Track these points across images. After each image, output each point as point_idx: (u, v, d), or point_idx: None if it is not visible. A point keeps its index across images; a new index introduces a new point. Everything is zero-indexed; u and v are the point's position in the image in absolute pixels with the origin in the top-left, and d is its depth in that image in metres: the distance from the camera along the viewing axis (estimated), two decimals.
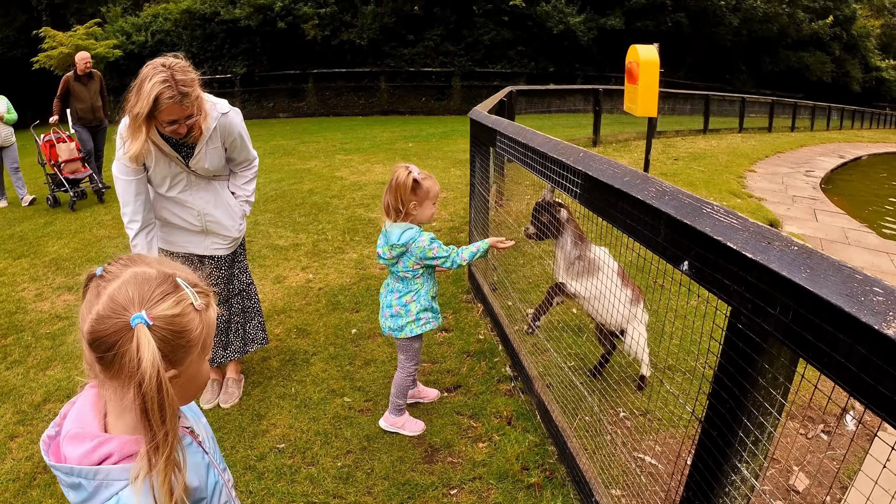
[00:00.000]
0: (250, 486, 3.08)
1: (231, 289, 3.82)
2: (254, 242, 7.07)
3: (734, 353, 1.48)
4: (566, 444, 3.00)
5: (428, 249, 3.22)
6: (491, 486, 3.05)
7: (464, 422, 3.58)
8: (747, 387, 1.44)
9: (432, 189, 3.27)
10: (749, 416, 1.46)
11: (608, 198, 2.19)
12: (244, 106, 23.29)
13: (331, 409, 3.72)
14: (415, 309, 3.32)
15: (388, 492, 3.02)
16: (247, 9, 21.98)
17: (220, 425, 3.61)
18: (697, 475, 1.71)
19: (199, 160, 3.35)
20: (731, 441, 1.53)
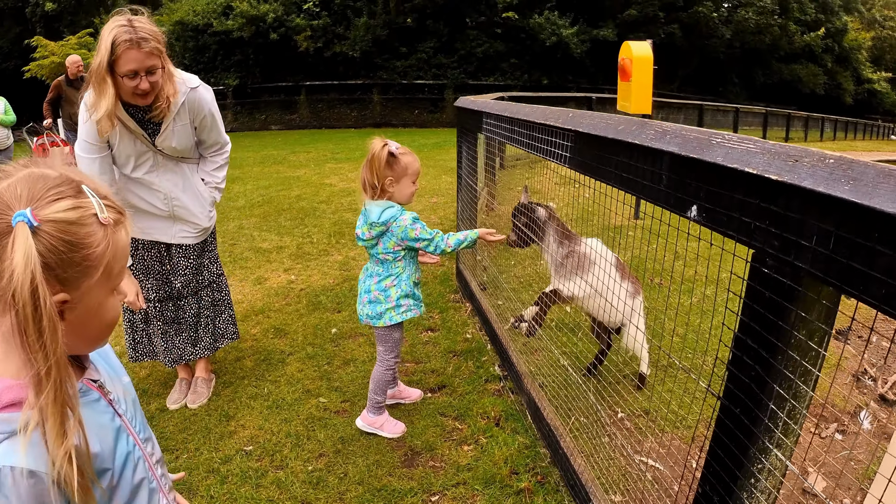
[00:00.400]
0: (212, 491, 2.79)
1: (200, 280, 3.55)
2: (236, 245, 6.81)
3: (760, 306, 1.21)
4: (559, 444, 2.71)
5: (410, 229, 2.96)
6: (476, 493, 2.76)
7: (448, 423, 3.30)
8: (778, 345, 1.17)
9: (411, 165, 3.01)
10: (781, 380, 1.19)
11: (601, 153, 1.93)
12: (236, 118, 23.12)
13: (304, 409, 3.44)
14: (395, 294, 3.05)
15: (361, 498, 2.74)
16: (239, 20, 21.81)
17: (186, 426, 3.32)
18: (716, 464, 1.43)
19: (165, 138, 3.11)
20: (760, 416, 1.25)
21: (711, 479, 1.44)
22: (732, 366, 1.32)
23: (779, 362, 1.17)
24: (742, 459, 1.32)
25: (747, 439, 1.29)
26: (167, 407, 3.51)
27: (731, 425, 1.35)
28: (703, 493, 1.50)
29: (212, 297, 3.62)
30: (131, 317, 3.50)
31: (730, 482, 1.37)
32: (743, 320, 1.27)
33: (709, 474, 1.46)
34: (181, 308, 3.52)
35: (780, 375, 1.18)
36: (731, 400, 1.34)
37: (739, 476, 1.33)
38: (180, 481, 2.28)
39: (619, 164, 1.81)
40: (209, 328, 3.62)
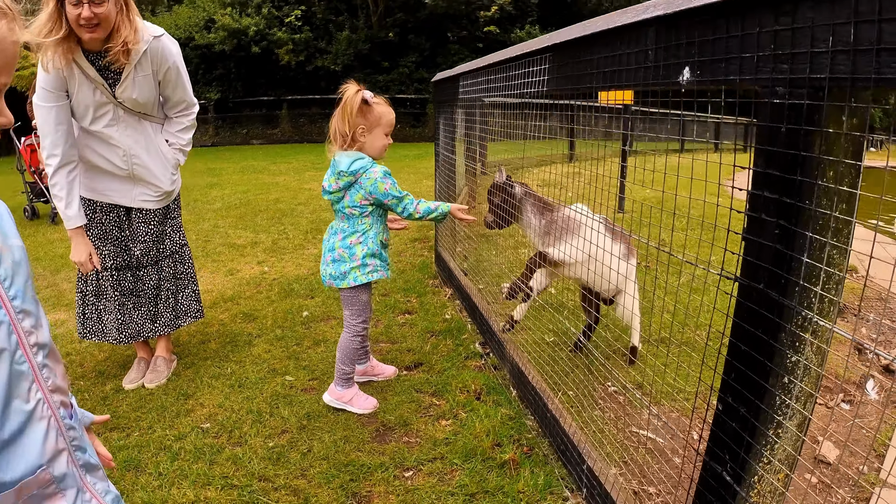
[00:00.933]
0: (161, 468, 2.54)
1: (161, 249, 3.32)
2: (210, 242, 6.57)
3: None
4: (547, 408, 2.49)
5: (380, 182, 2.76)
6: (455, 467, 2.53)
7: (425, 399, 3.07)
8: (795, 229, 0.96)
9: (385, 115, 2.83)
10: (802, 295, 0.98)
11: (581, 57, 1.77)
12: (217, 133, 22.92)
13: (269, 388, 3.20)
14: (360, 252, 2.83)
15: (326, 474, 2.49)
16: (221, 34, 21.64)
17: (140, 405, 3.07)
18: (724, 425, 1.22)
19: (125, 88, 2.93)
20: (777, 347, 1.04)
21: (718, 450, 1.24)
22: (738, 317, 1.13)
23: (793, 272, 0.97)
24: (755, 423, 1.13)
25: (759, 399, 1.10)
26: (123, 387, 3.26)
27: (742, 366, 1.14)
28: (710, 464, 1.30)
29: (173, 268, 3.39)
30: (83, 287, 3.26)
31: (741, 451, 1.17)
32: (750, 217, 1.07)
33: (715, 447, 1.26)
34: (140, 279, 3.29)
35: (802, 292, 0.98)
36: (740, 335, 1.14)
37: (753, 442, 1.14)
38: (103, 423, 1.98)
39: (600, 62, 1.66)
40: (170, 303, 3.38)
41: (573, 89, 1.92)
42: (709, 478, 1.29)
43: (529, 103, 2.86)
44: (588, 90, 1.78)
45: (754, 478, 1.18)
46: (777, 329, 1.08)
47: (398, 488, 2.40)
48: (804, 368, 1.10)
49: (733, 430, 1.19)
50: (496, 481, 2.40)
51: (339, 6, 23.69)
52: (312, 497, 2.35)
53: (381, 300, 4.50)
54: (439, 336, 3.78)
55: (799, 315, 1.06)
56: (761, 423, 1.13)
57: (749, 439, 1.15)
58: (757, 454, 1.15)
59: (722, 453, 1.23)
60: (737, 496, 1.20)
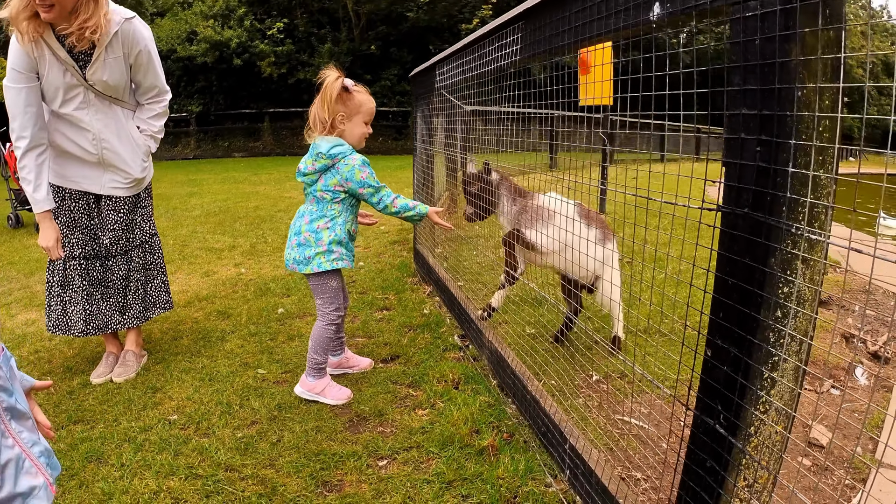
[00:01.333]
0: (123, 458, 2.42)
1: (131, 239, 3.21)
2: (187, 246, 6.44)
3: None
4: (527, 389, 2.39)
5: (358, 170, 2.70)
6: (431, 455, 2.42)
7: (401, 390, 2.97)
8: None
9: (365, 103, 2.77)
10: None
11: (552, 18, 1.72)
12: (199, 145, 22.74)
13: (240, 381, 3.08)
14: (327, 238, 2.75)
15: (295, 463, 2.38)
16: (203, 46, 21.53)
17: (107, 399, 2.95)
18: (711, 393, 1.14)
19: (96, 70, 2.85)
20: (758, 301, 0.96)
21: (702, 434, 1.16)
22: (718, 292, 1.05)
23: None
24: (748, 362, 1.05)
25: (751, 335, 1.02)
26: (90, 381, 3.14)
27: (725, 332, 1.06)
28: (701, 418, 1.21)
29: (143, 259, 3.27)
30: (51, 278, 3.14)
31: (734, 396, 1.08)
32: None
33: (705, 397, 1.17)
34: (109, 269, 3.18)
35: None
36: (725, 293, 1.06)
37: (747, 384, 1.05)
38: (43, 389, 1.84)
39: (571, 17, 1.60)
40: (139, 294, 3.27)
41: (548, 51, 1.86)
42: (700, 434, 1.20)
43: (510, 112, 2.83)
44: (563, 49, 1.72)
45: (751, 428, 1.09)
46: (767, 253, 1.00)
47: (371, 477, 2.29)
48: (798, 300, 1.02)
49: (724, 374, 1.10)
50: (474, 468, 2.30)
51: (322, 19, 23.69)
52: (280, 486, 2.24)
53: (358, 297, 4.40)
54: (417, 330, 3.69)
55: (789, 235, 0.98)
56: (755, 361, 1.04)
57: (743, 381, 1.06)
58: (752, 398, 1.06)
59: (713, 403, 1.14)
60: (733, 449, 1.11)
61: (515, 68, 2.34)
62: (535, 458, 2.33)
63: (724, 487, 1.13)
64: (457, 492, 2.18)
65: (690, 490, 1.26)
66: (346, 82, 2.69)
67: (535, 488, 2.16)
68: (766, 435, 1.09)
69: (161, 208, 9.04)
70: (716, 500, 1.16)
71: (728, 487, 1.13)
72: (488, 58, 2.52)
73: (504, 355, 2.70)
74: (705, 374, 1.16)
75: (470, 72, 2.92)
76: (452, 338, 3.51)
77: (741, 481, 1.12)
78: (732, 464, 1.11)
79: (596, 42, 1.62)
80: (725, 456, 1.12)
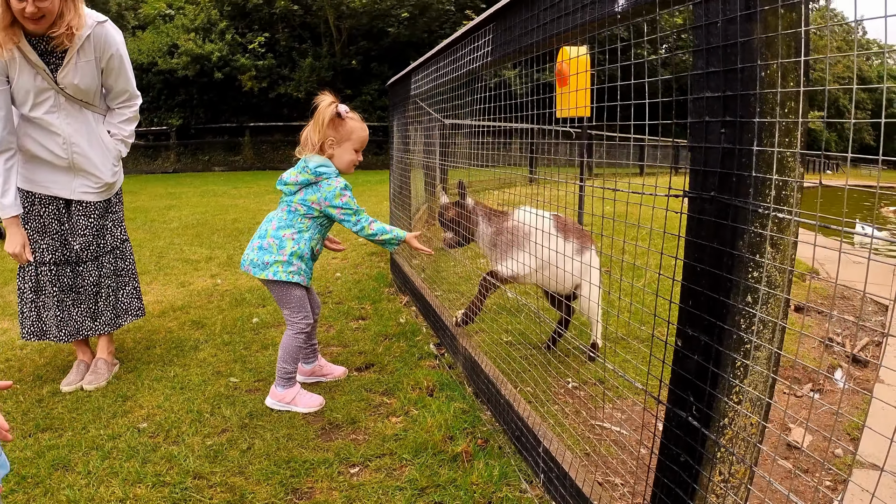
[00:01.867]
0: (90, 466, 2.35)
1: (102, 244, 3.15)
2: (164, 257, 6.36)
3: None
4: (500, 394, 2.36)
5: (339, 193, 2.70)
6: (404, 462, 2.37)
7: (374, 398, 2.92)
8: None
9: (356, 131, 2.77)
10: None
11: (522, 17, 1.71)
12: (179, 159, 22.61)
13: (212, 389, 3.02)
14: (289, 249, 2.73)
15: (265, 470, 2.32)
16: (184, 59, 21.48)
17: (76, 406, 2.87)
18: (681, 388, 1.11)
19: (67, 73, 2.81)
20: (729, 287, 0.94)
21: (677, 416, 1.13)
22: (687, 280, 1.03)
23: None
24: (719, 349, 1.02)
25: (721, 321, 1.00)
26: (60, 390, 3.06)
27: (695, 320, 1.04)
28: (674, 411, 1.18)
29: (114, 265, 3.21)
30: (23, 285, 3.08)
31: (706, 386, 1.06)
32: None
33: (677, 389, 1.15)
34: (80, 275, 3.12)
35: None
36: (694, 280, 1.04)
37: (719, 372, 1.03)
38: (4, 389, 1.77)
39: (541, 14, 1.59)
40: (110, 301, 3.21)
41: (518, 49, 1.86)
42: (673, 428, 1.17)
43: (489, 125, 2.84)
44: (534, 46, 1.72)
45: (724, 419, 1.06)
46: (734, 236, 0.98)
47: (342, 484, 2.24)
48: (769, 283, 0.99)
49: (696, 364, 1.07)
50: (448, 474, 2.26)
51: (303, 34, 23.72)
52: (249, 494, 2.18)
53: (334, 307, 4.35)
54: (393, 339, 3.64)
55: (757, 216, 0.96)
56: (726, 348, 1.02)
57: (714, 369, 1.03)
58: (725, 387, 1.03)
59: (685, 395, 1.11)
60: (706, 442, 1.08)
61: (488, 70, 2.33)
62: (509, 463, 2.29)
63: (699, 482, 1.11)
64: (430, 498, 2.14)
65: (665, 487, 1.22)
66: (339, 108, 2.71)
67: (509, 494, 2.13)
68: (740, 426, 1.07)
69: (139, 220, 8.95)
70: (691, 496, 1.13)
71: (703, 482, 1.10)
72: (462, 61, 2.51)
73: (478, 361, 2.67)
74: (676, 364, 1.13)
75: (445, 76, 2.91)
76: (428, 346, 3.48)
77: (716, 476, 1.10)
78: (707, 457, 1.08)
79: (564, 39, 1.61)
80: (699, 449, 1.09)
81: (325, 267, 5.73)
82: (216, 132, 23.40)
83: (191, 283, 5.24)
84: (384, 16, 21.97)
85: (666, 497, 1.20)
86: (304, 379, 3.07)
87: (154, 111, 23.00)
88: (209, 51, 21.54)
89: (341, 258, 6.16)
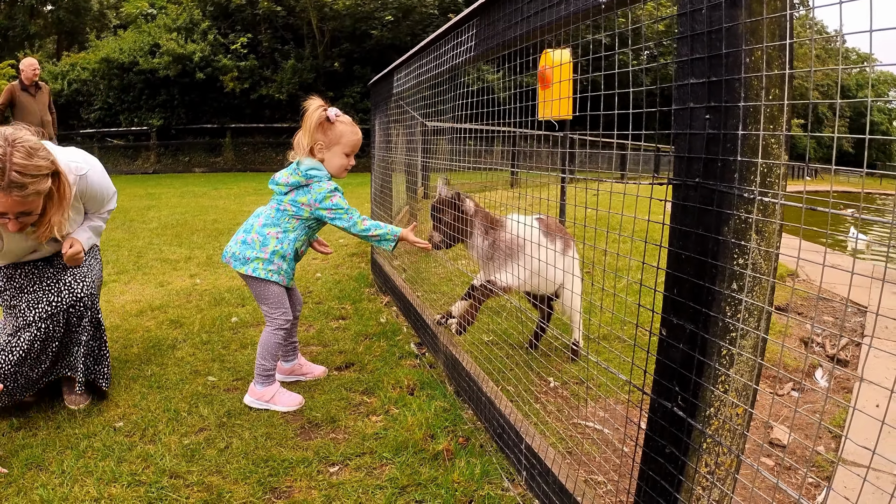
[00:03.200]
0: (64, 465, 2.30)
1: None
2: (142, 257, 6.28)
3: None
4: (482, 391, 2.34)
5: (329, 194, 2.68)
6: (385, 461, 2.35)
7: (355, 397, 2.89)
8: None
9: (346, 135, 2.73)
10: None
11: (504, 12, 1.70)
12: (159, 160, 22.39)
13: (189, 388, 2.98)
14: (272, 247, 2.71)
15: (243, 469, 2.28)
16: (166, 59, 21.28)
17: (50, 405, 2.82)
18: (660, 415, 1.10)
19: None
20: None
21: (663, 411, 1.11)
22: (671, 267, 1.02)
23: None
24: (704, 336, 1.01)
25: (707, 307, 0.99)
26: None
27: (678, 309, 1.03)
28: (658, 401, 1.17)
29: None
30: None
31: (691, 374, 1.04)
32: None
33: (662, 378, 1.13)
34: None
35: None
36: (679, 267, 1.03)
37: (705, 360, 1.02)
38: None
39: (525, 7, 1.59)
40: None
41: (501, 43, 1.85)
42: (658, 419, 1.16)
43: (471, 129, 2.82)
44: (518, 39, 1.71)
45: (710, 409, 1.05)
46: (720, 222, 0.97)
47: (321, 483, 2.21)
48: (753, 269, 0.98)
49: (681, 353, 1.06)
50: (429, 473, 2.24)
51: (286, 35, 23.60)
52: (227, 493, 2.15)
53: (314, 307, 4.31)
54: (373, 338, 3.62)
55: (742, 201, 0.95)
56: (712, 335, 1.00)
57: (700, 357, 1.02)
58: (711, 375, 1.02)
59: (670, 385, 1.10)
60: (692, 432, 1.06)
61: (472, 66, 2.32)
62: (491, 461, 2.27)
63: (686, 473, 1.09)
64: (410, 497, 2.12)
65: (650, 479, 1.21)
66: (329, 112, 2.69)
67: (491, 492, 2.11)
68: (726, 415, 1.06)
69: (118, 220, 8.84)
70: (677, 488, 1.11)
71: (689, 473, 1.08)
72: (445, 58, 2.49)
73: (460, 359, 2.65)
74: (661, 354, 1.12)
75: (428, 73, 2.88)
76: (409, 345, 3.45)
77: (703, 467, 1.08)
78: (693, 448, 1.07)
79: (549, 30, 1.60)
80: (685, 440, 1.08)
81: (305, 267, 5.68)
82: (197, 133, 23.20)
83: (169, 283, 5.18)
84: (367, 18, 21.90)
85: (651, 490, 1.19)
86: (284, 377, 3.04)
87: (134, 111, 22.77)
88: (191, 51, 21.36)
89: (322, 259, 6.12)
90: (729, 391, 1.04)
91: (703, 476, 1.09)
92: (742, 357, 1.03)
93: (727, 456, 1.08)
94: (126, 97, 22.78)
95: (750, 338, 1.02)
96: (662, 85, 1.18)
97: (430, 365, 3.16)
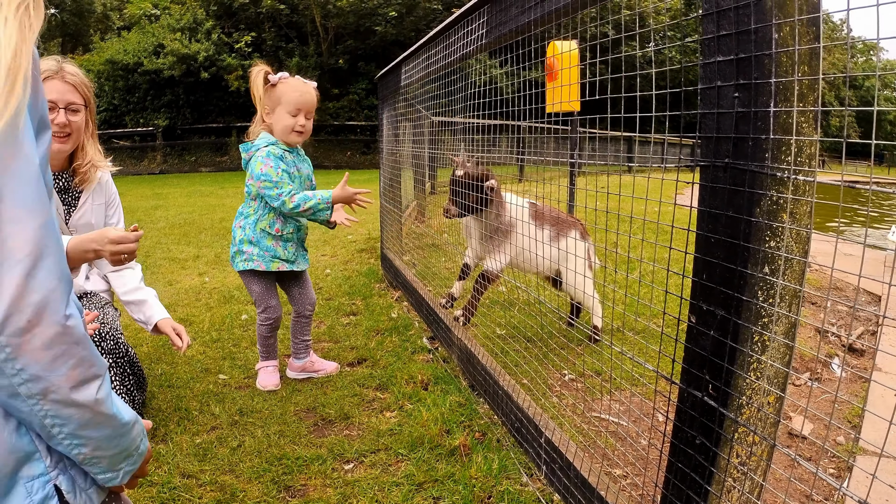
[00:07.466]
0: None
1: None
2: (150, 256, 6.27)
3: None
4: (498, 385, 2.30)
5: (259, 163, 2.59)
6: (400, 457, 2.32)
7: (368, 393, 2.86)
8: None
9: (287, 93, 2.61)
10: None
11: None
12: (165, 160, 22.40)
13: (200, 386, 2.95)
14: (239, 236, 2.71)
15: (256, 468, 2.26)
16: (170, 59, 21.27)
17: None
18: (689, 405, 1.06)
19: (83, 214, 2.61)
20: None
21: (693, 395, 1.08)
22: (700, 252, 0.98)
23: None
24: (737, 322, 0.97)
25: (739, 292, 0.95)
26: None
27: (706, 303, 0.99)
28: (688, 391, 1.13)
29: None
30: None
31: (724, 363, 1.00)
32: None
33: (691, 368, 1.09)
34: None
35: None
36: (708, 252, 0.99)
37: (737, 347, 0.98)
38: None
39: None
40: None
41: (513, 31, 1.81)
42: (688, 409, 1.12)
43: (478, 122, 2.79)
44: (528, 29, 1.67)
45: (742, 397, 1.01)
46: (751, 203, 0.93)
47: (337, 481, 2.18)
48: (785, 259, 0.94)
49: (712, 340, 1.02)
50: (446, 469, 2.20)
51: (290, 33, 23.58)
52: (240, 492, 2.12)
53: (325, 303, 4.28)
54: (384, 333, 3.59)
55: (774, 181, 0.91)
56: (745, 321, 0.96)
57: (732, 344, 0.98)
58: (744, 363, 0.98)
59: (700, 373, 1.06)
60: (724, 421, 1.03)
61: (482, 53, 2.28)
62: (509, 456, 2.24)
63: (717, 464, 1.05)
64: (428, 493, 2.09)
65: (679, 472, 1.17)
66: (270, 77, 2.61)
67: (510, 487, 2.07)
68: (759, 404, 1.02)
69: (125, 221, 8.82)
70: (708, 480, 1.08)
71: (720, 464, 1.05)
72: (454, 47, 2.45)
73: (474, 352, 2.61)
74: (690, 342, 1.08)
75: (438, 63, 2.84)
76: (421, 340, 3.42)
77: (734, 457, 1.04)
78: (724, 438, 1.03)
79: (564, 14, 1.55)
80: (717, 430, 1.04)
81: (314, 264, 5.66)
82: (203, 132, 23.20)
83: (178, 282, 5.16)
84: (371, 15, 21.85)
85: (681, 482, 1.15)
86: (297, 374, 3.01)
87: (140, 112, 22.79)
88: (195, 50, 21.35)
89: (331, 255, 6.10)
90: (761, 378, 1.00)
91: (735, 466, 1.05)
92: (774, 343, 0.99)
93: (759, 445, 1.04)
94: (131, 98, 22.79)
95: (782, 323, 0.98)
96: (685, 64, 1.14)
97: (444, 359, 3.13)
